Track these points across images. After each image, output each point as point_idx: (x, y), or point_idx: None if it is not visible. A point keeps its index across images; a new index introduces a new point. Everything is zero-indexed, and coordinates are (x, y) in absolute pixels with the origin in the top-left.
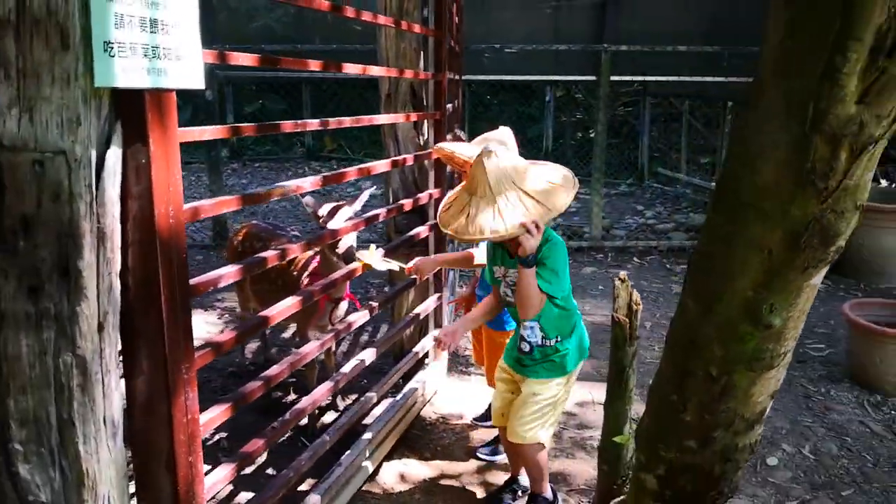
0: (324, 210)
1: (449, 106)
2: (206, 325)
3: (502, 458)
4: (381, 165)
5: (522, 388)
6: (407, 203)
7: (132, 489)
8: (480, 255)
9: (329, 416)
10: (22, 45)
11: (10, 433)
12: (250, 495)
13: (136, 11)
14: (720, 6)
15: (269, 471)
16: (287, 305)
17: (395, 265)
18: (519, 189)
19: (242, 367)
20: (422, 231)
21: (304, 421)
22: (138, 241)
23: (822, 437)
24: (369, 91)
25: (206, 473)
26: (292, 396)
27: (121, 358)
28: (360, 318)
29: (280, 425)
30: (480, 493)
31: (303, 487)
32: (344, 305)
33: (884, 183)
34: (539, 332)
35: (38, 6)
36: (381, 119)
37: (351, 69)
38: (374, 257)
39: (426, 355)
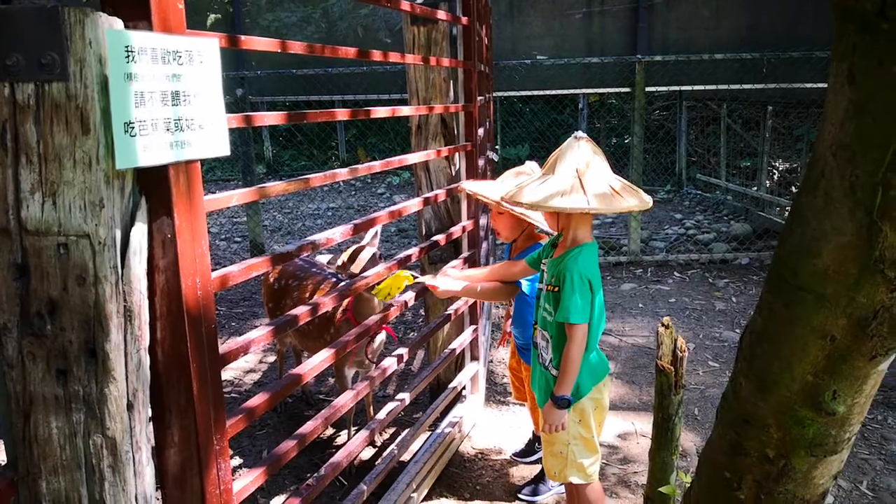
0: (344, 257)
1: (480, 130)
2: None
3: (543, 499)
4: (413, 205)
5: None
6: (441, 238)
7: None
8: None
9: (366, 452)
10: (42, 130)
11: None
12: None
13: (156, 87)
14: (756, 11)
15: None
16: (321, 359)
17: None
18: (578, 178)
19: None
20: (456, 264)
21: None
22: (166, 314)
23: (880, 472)
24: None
25: None
26: (329, 431)
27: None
28: (394, 365)
29: (316, 482)
30: None
31: None
32: (380, 338)
33: None
34: (548, 354)
35: (58, 91)
36: (412, 158)
37: (380, 113)
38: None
39: (463, 388)
